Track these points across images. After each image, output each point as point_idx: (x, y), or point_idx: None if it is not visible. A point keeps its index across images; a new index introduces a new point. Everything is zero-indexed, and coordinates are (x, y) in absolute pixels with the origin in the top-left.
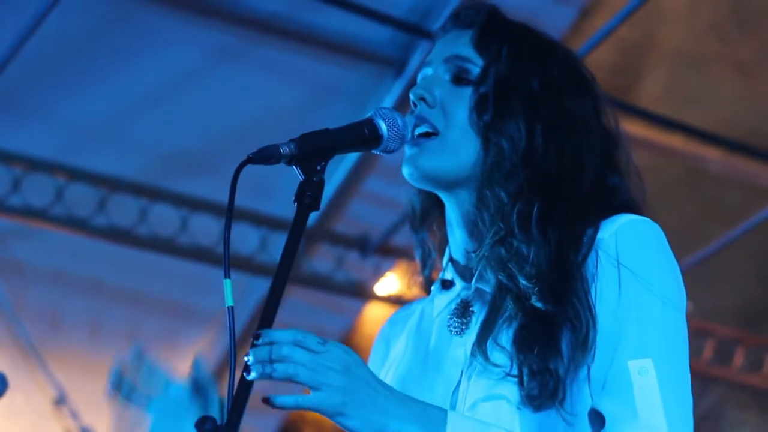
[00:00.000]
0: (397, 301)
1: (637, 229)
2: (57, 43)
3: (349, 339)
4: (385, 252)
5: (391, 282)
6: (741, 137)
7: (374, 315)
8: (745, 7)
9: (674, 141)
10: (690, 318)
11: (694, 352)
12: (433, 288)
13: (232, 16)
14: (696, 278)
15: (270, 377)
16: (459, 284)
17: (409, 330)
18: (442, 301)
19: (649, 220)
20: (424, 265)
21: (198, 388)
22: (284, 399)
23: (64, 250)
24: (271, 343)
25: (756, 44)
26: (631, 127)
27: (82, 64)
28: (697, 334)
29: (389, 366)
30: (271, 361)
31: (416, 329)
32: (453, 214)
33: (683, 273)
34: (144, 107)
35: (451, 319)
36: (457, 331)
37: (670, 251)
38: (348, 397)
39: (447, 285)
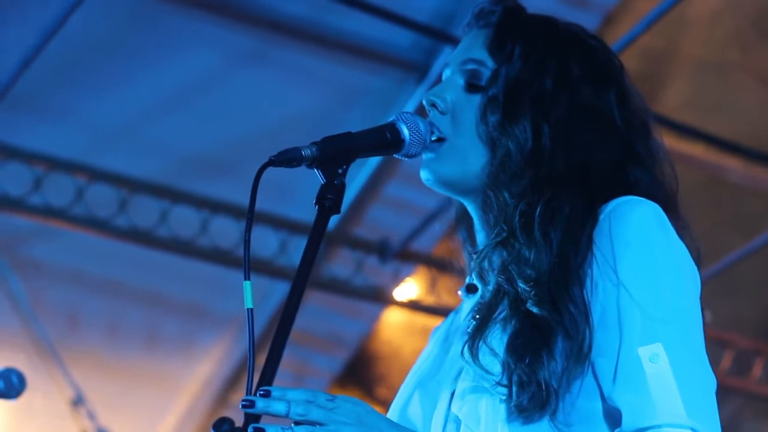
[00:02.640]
0: (416, 306)
1: (630, 208)
2: (80, 43)
3: (367, 344)
4: (404, 257)
5: (411, 287)
6: (762, 147)
7: (393, 320)
8: (767, 17)
9: (695, 150)
10: (708, 328)
11: (712, 363)
12: (460, 293)
13: (254, 18)
14: (715, 288)
15: None
16: (480, 287)
17: (439, 334)
18: (468, 305)
19: (644, 199)
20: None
21: None
22: None
23: (84, 250)
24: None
25: None
26: None
27: (104, 64)
28: (715, 345)
29: (415, 370)
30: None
31: (445, 334)
32: (474, 216)
33: (702, 283)
34: (166, 109)
35: (470, 322)
36: None
37: (669, 228)
38: None
39: (472, 289)
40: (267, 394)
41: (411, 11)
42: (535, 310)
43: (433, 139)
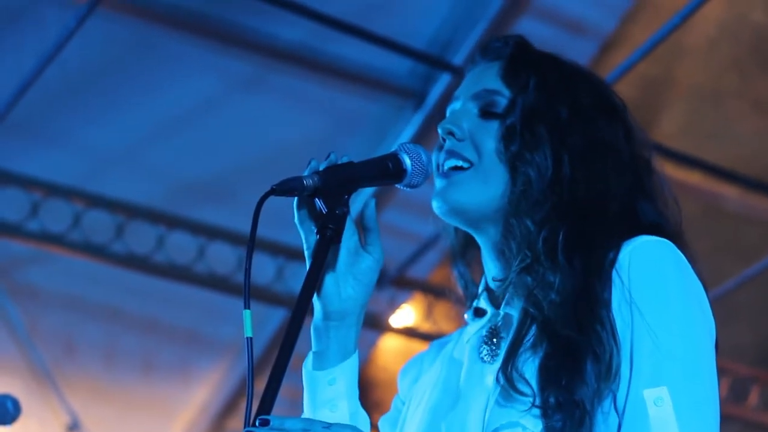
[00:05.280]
0: (413, 333)
1: (651, 249)
2: (77, 69)
3: (363, 371)
4: (401, 284)
5: (407, 314)
6: (759, 175)
7: (389, 347)
8: (764, 45)
9: (692, 177)
10: None
11: None
12: (466, 316)
13: (253, 45)
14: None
15: None
16: (490, 311)
17: (442, 359)
18: (474, 329)
19: (665, 240)
20: (466, 298)
21: (365, 228)
22: None
23: (81, 275)
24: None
25: None
26: None
27: (102, 90)
28: None
29: (422, 395)
30: None
31: (450, 358)
32: (483, 247)
33: None
34: (163, 135)
35: (481, 347)
36: (488, 359)
37: (688, 271)
38: None
39: (480, 313)
40: (266, 423)
41: (408, 39)
42: (564, 332)
43: (451, 166)
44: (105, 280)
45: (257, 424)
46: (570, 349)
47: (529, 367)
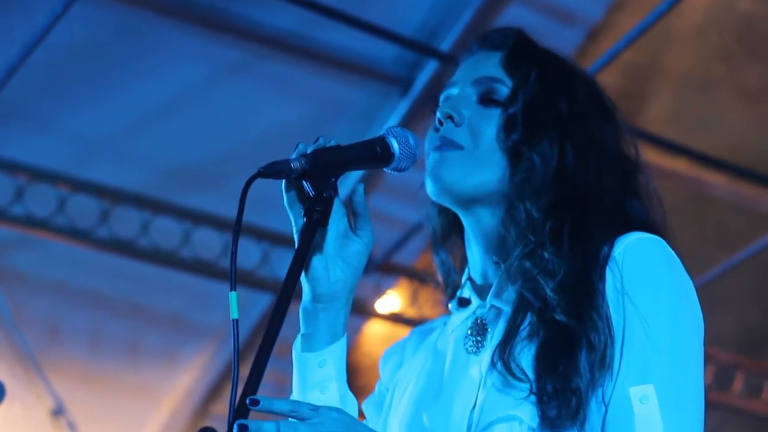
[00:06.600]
0: (398, 319)
1: (645, 247)
2: (64, 54)
3: (348, 356)
4: (386, 270)
5: (392, 300)
6: (746, 163)
7: (374, 333)
8: (751, 33)
9: (679, 165)
10: None
11: None
12: (450, 306)
13: (239, 31)
14: None
15: None
16: (475, 302)
17: (426, 348)
18: (458, 319)
19: (658, 238)
20: (446, 285)
21: (354, 212)
22: None
23: (66, 261)
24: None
25: (762, 70)
26: None
27: (88, 76)
28: None
29: (406, 385)
30: None
31: (433, 348)
32: (471, 232)
33: None
34: (149, 121)
35: (466, 338)
36: (473, 350)
37: (680, 270)
38: None
39: (464, 303)
40: (255, 403)
41: (395, 25)
42: (562, 318)
43: (448, 149)
44: (90, 265)
45: (247, 403)
46: (567, 338)
47: (525, 355)
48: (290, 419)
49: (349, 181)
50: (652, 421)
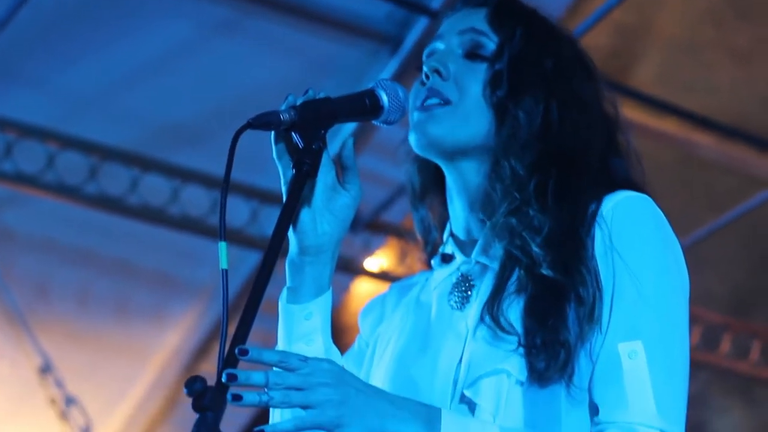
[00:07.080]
0: (386, 277)
1: (634, 205)
2: (52, 11)
3: (336, 315)
4: (375, 228)
5: (381, 258)
6: (734, 123)
7: (362, 291)
8: None
9: (667, 125)
10: None
11: None
12: (433, 262)
13: None
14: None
15: (266, 405)
16: (459, 258)
17: (407, 303)
18: (441, 275)
19: (646, 196)
20: (425, 242)
21: (343, 166)
22: (284, 425)
23: (54, 218)
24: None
25: (751, 31)
26: (624, 111)
27: (77, 32)
28: None
29: (388, 340)
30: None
31: (416, 303)
32: (454, 186)
33: None
34: (138, 78)
35: (451, 293)
36: (457, 306)
37: (667, 229)
38: (343, 408)
39: (447, 259)
40: (244, 353)
41: None
42: (549, 273)
43: (434, 103)
44: (78, 222)
45: (236, 353)
46: (555, 291)
47: (513, 310)
48: (279, 369)
49: (339, 138)
50: (640, 376)
